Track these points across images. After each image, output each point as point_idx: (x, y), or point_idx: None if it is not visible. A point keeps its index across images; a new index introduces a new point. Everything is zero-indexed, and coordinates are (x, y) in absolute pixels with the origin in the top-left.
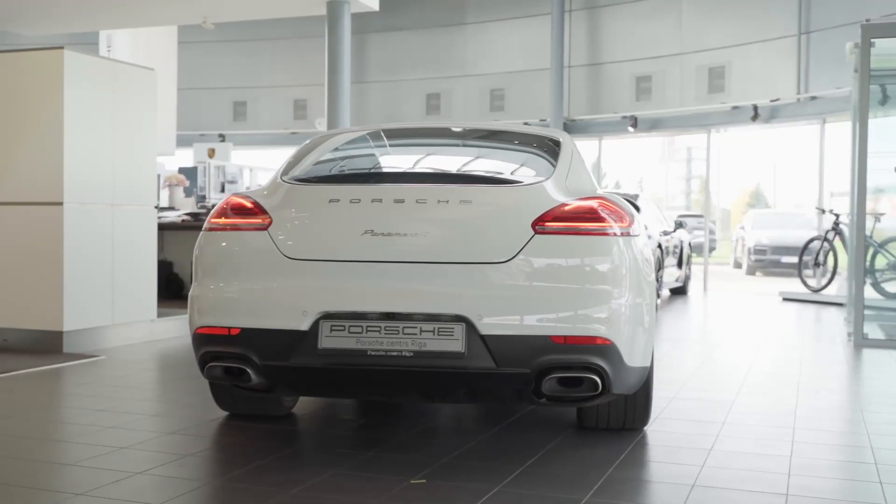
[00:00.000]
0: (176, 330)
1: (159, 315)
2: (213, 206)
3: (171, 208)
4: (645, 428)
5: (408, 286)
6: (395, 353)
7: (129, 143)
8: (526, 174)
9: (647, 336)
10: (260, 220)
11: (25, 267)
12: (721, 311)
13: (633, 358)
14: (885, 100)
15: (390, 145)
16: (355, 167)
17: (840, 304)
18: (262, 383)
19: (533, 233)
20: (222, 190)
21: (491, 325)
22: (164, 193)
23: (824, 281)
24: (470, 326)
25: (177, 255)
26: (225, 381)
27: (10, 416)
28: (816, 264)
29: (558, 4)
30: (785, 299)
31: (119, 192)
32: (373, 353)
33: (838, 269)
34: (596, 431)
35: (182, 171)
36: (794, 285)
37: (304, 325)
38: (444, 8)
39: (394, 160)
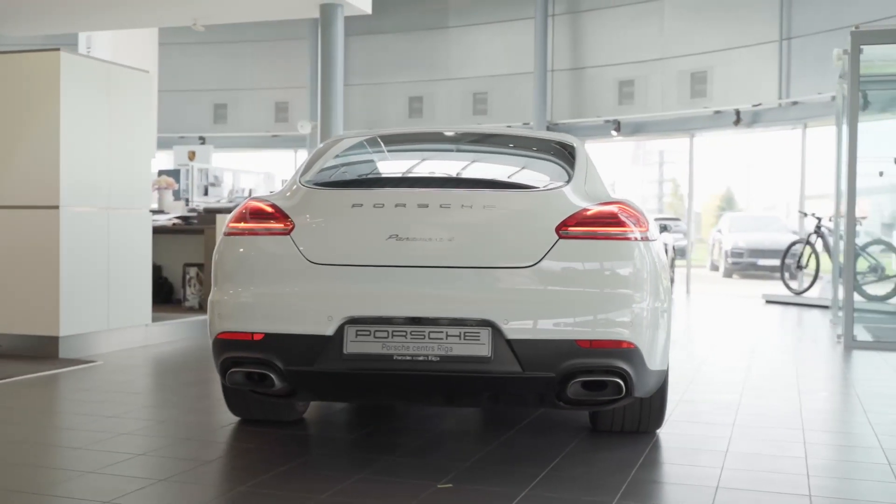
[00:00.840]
0: (170, 335)
1: (153, 320)
2: (205, 210)
3: (160, 212)
4: (657, 431)
5: (434, 291)
6: (421, 358)
7: (124, 145)
8: (545, 179)
9: (666, 339)
10: (282, 225)
11: (21, 271)
12: (708, 314)
13: (653, 361)
14: (866, 105)
15: (406, 150)
16: (375, 172)
17: (823, 307)
18: (283, 389)
19: (557, 237)
20: (205, 193)
21: (517, 329)
22: (153, 196)
23: (806, 283)
24: (496, 331)
25: (166, 259)
26: (246, 386)
27: (18, 423)
28: (799, 267)
29: (542, 8)
30: (768, 302)
31: (115, 195)
32: (399, 357)
33: (820, 272)
34: (610, 434)
35: (163, 173)
36: (774, 288)
37: (329, 330)
38: (427, 11)
39: (411, 165)
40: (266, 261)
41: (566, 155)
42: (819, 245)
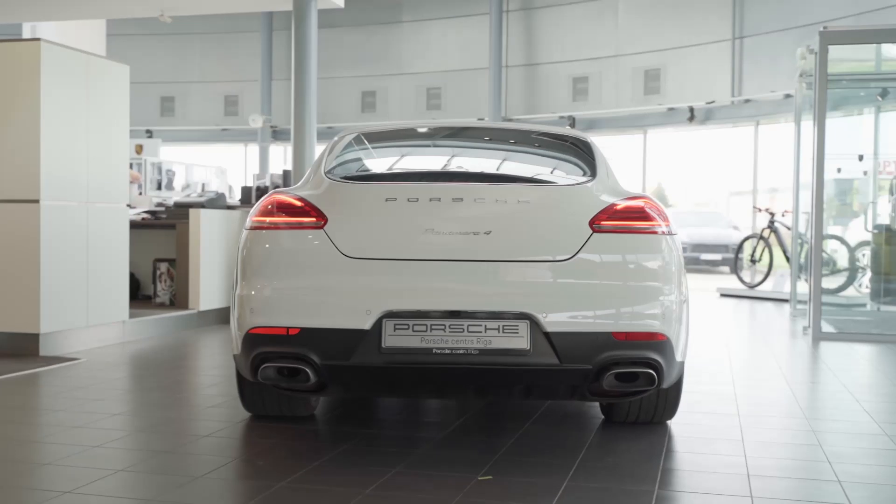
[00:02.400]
0: (147, 331)
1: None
2: (175, 204)
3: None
4: (668, 421)
5: (472, 284)
6: (461, 351)
7: (103, 138)
8: (570, 174)
9: (688, 330)
10: (314, 219)
11: (0, 267)
12: None
13: (679, 352)
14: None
15: (426, 144)
16: (402, 166)
17: (777, 300)
18: (316, 383)
19: (591, 231)
20: (159, 187)
21: (554, 322)
22: None
23: (759, 277)
24: (534, 324)
25: (134, 254)
26: (277, 381)
27: (20, 423)
28: (752, 261)
29: (497, 5)
30: (722, 295)
31: (94, 189)
32: (438, 351)
33: (774, 266)
34: (621, 426)
35: None
36: (721, 281)
37: (367, 324)
38: (380, 6)
39: (436, 159)
40: (299, 255)
41: (584, 151)
42: (773, 239)
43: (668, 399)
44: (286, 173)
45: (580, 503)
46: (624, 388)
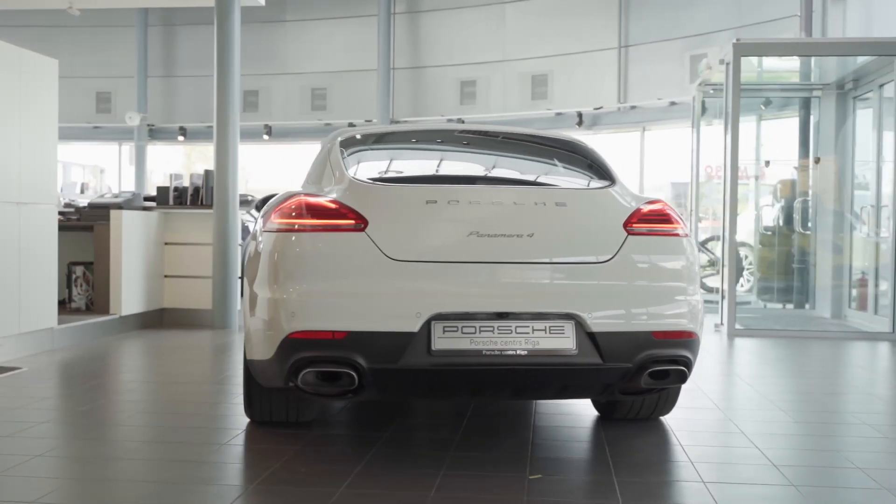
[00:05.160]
0: (75, 337)
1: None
2: (90, 205)
3: None
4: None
5: (519, 286)
6: (510, 353)
7: (34, 135)
8: (592, 179)
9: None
10: (353, 221)
11: None
12: None
13: (700, 349)
14: (704, 111)
15: (444, 148)
16: (431, 168)
17: None
18: (357, 387)
19: (626, 234)
20: None
21: (598, 322)
22: None
23: None
24: (578, 324)
25: None
26: (318, 387)
27: (35, 438)
28: None
29: (385, 7)
30: None
31: (25, 188)
32: (487, 352)
33: None
34: (619, 421)
35: None
36: None
37: (416, 327)
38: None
39: (459, 164)
40: (342, 258)
41: (594, 156)
42: None
43: (670, 395)
44: (208, 173)
45: (642, 499)
46: (656, 384)
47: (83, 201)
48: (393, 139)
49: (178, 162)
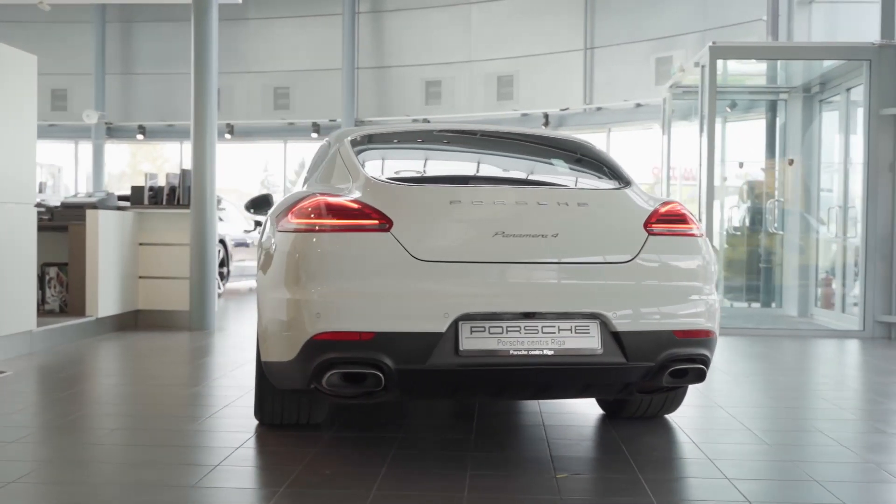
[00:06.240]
0: (53, 340)
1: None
2: (63, 205)
3: None
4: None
5: (545, 286)
6: (536, 352)
7: (13, 132)
8: (607, 179)
9: None
10: (377, 221)
11: None
12: None
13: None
14: (673, 115)
15: (455, 148)
16: (450, 169)
17: None
18: (383, 388)
19: (647, 234)
20: None
21: (623, 322)
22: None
23: None
24: (603, 324)
25: None
26: (342, 388)
27: (38, 442)
28: None
29: (349, 6)
30: None
31: (3, 187)
32: (515, 352)
33: None
34: (629, 419)
35: None
36: None
37: (443, 327)
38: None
39: (474, 164)
40: (367, 258)
41: (606, 158)
42: None
43: (678, 393)
44: (185, 172)
45: (672, 496)
46: (676, 383)
47: (53, 201)
48: (404, 139)
49: (124, 161)
